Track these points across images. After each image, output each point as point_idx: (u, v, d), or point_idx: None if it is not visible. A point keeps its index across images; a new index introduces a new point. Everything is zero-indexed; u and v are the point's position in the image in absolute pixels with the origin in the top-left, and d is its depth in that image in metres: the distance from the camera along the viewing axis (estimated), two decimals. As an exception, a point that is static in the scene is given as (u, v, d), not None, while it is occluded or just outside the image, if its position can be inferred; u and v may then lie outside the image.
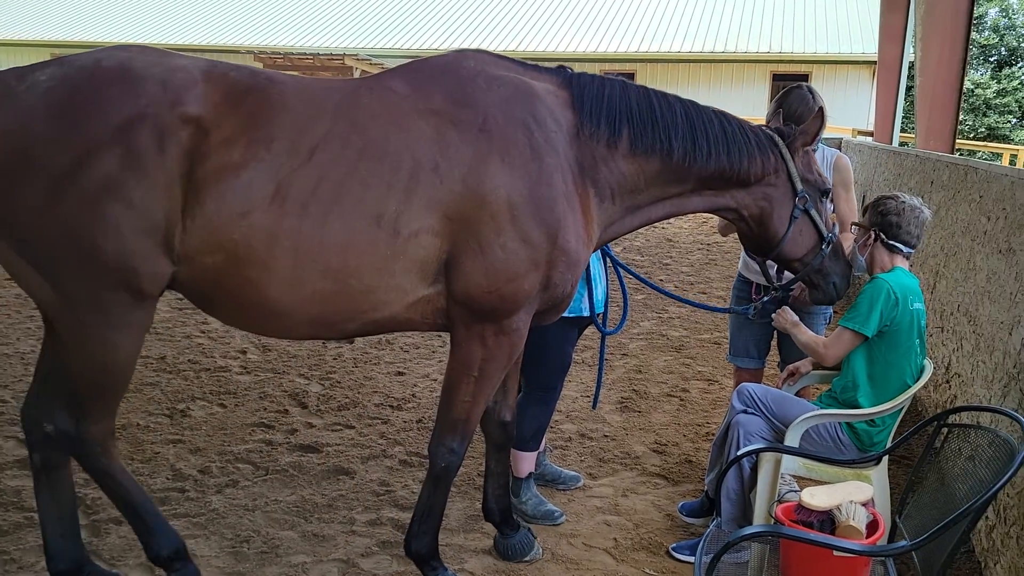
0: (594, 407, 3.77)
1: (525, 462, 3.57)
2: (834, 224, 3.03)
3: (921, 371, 3.05)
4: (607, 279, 3.52)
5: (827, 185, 2.95)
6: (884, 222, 3.07)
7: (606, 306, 3.55)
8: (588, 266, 3.36)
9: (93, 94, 2.27)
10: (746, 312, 3.56)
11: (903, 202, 3.07)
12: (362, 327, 2.61)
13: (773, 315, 3.42)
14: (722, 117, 2.82)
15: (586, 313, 3.41)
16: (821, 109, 3.14)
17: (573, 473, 3.88)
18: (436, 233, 2.46)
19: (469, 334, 2.63)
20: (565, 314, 3.36)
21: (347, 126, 2.43)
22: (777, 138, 2.87)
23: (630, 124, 2.67)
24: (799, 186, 2.85)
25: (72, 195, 2.23)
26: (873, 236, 3.09)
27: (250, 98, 2.39)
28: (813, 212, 2.89)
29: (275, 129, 2.36)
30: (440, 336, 6.13)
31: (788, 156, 2.84)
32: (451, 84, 2.57)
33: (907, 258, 3.10)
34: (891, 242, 3.06)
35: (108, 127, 2.24)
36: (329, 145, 2.40)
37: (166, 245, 2.34)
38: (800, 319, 3.79)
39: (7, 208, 2.26)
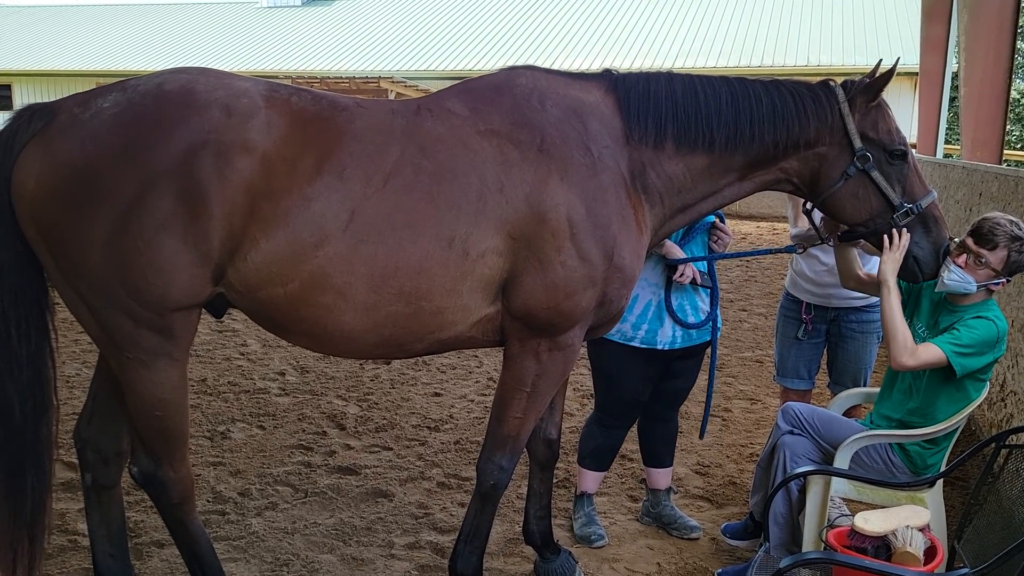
0: (701, 437, 3.64)
1: (583, 479, 3.54)
2: (929, 191, 2.74)
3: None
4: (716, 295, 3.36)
5: (897, 145, 2.69)
6: (1019, 265, 2.83)
7: (713, 324, 3.34)
8: (663, 298, 3.23)
9: (156, 122, 2.24)
10: (791, 250, 3.30)
11: None
12: (429, 346, 2.62)
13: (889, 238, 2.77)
14: (774, 89, 2.68)
15: (660, 346, 3.25)
16: (897, 60, 2.85)
17: (693, 523, 3.54)
18: (500, 253, 2.47)
19: (524, 349, 2.63)
20: (637, 344, 3.24)
21: (416, 150, 2.43)
22: (840, 92, 2.69)
23: (675, 120, 2.62)
24: (857, 144, 2.66)
25: (135, 228, 2.20)
26: (1004, 283, 2.86)
27: (316, 126, 2.37)
28: (875, 173, 2.67)
29: (345, 158, 2.36)
30: (476, 356, 6.11)
31: (847, 112, 2.67)
32: (507, 104, 2.57)
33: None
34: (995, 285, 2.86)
35: (171, 156, 2.21)
36: (402, 171, 2.40)
37: (214, 278, 2.33)
38: (852, 336, 3.68)
39: (66, 239, 2.24)
